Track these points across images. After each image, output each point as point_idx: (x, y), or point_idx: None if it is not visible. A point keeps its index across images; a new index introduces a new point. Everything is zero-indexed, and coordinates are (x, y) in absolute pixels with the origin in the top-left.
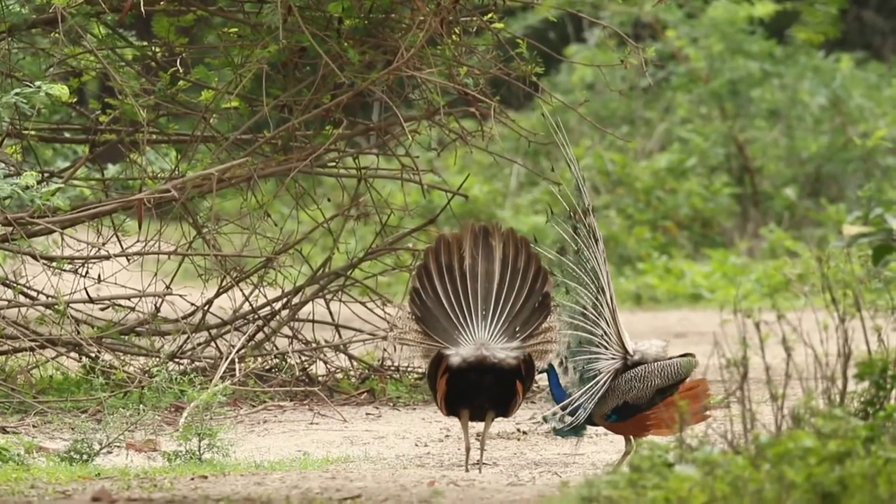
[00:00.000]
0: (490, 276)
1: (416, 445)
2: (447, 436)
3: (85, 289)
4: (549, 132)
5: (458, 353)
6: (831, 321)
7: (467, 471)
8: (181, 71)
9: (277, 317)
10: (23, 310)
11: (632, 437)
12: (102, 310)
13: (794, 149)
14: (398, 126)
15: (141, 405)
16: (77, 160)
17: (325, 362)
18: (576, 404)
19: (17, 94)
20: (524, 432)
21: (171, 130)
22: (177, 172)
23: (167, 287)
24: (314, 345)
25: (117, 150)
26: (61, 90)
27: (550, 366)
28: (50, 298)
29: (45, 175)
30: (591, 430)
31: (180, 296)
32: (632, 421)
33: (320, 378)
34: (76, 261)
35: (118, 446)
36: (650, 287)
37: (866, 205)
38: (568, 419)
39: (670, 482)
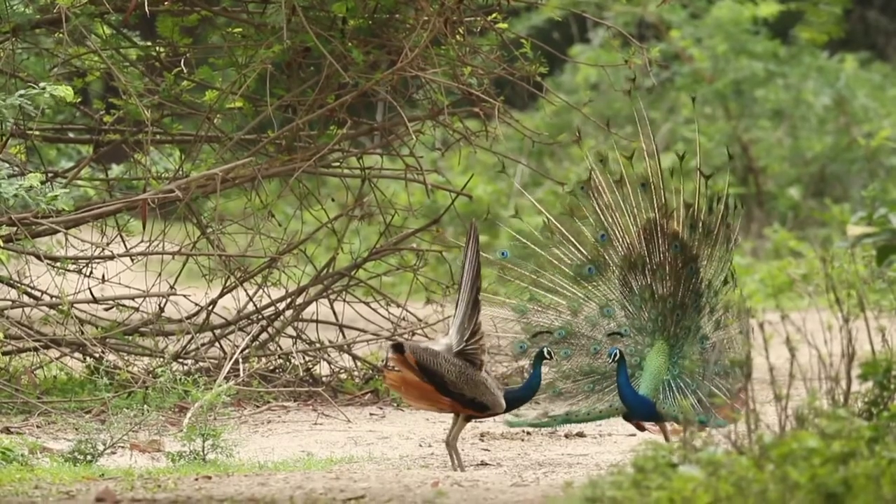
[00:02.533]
0: (464, 273)
1: (420, 446)
2: None
3: (89, 289)
4: (552, 133)
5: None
6: (835, 321)
7: (455, 470)
8: (185, 71)
9: (281, 317)
10: (27, 310)
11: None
12: (106, 310)
13: (798, 149)
14: (402, 126)
15: (145, 405)
16: (81, 160)
17: (329, 362)
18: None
19: (21, 95)
20: (528, 433)
21: (175, 130)
22: (181, 172)
23: (171, 287)
24: (318, 345)
25: (121, 150)
26: (66, 91)
27: (622, 360)
28: (54, 299)
29: (49, 175)
30: (594, 430)
31: (184, 296)
32: None
33: (324, 378)
34: (80, 261)
35: (122, 447)
36: None
37: (870, 205)
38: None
39: (674, 482)
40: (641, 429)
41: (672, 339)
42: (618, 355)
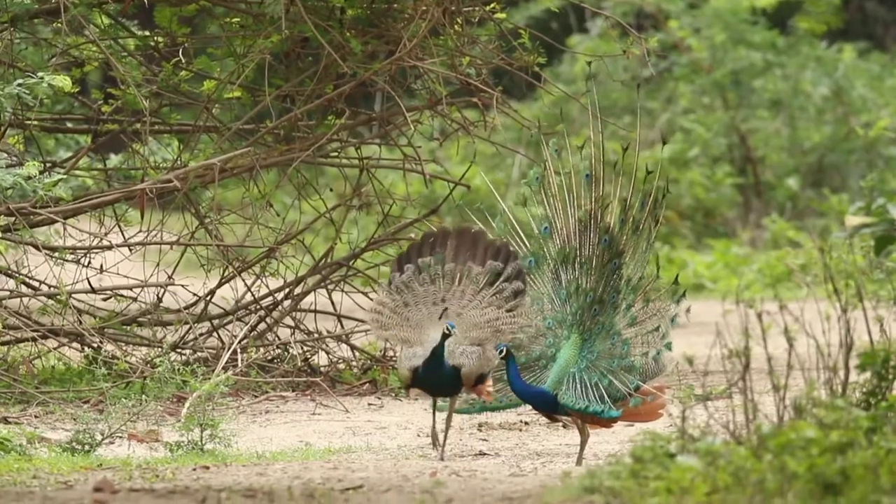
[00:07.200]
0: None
1: (418, 436)
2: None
3: (87, 279)
4: (551, 122)
5: None
6: (833, 311)
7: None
8: (183, 61)
9: (280, 307)
10: (25, 300)
11: (587, 425)
12: (104, 300)
13: (796, 139)
14: (400, 116)
15: (143, 395)
16: (79, 150)
17: (328, 353)
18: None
19: (20, 84)
20: (525, 423)
21: (174, 120)
22: (179, 162)
23: (169, 277)
24: (316, 335)
25: (119, 140)
26: (64, 81)
27: (511, 355)
28: (52, 288)
29: (48, 165)
30: None
31: (182, 286)
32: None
33: (322, 368)
34: (78, 251)
35: (120, 437)
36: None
37: (869, 195)
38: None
39: (672, 472)
40: (553, 420)
41: (586, 333)
42: (504, 352)
